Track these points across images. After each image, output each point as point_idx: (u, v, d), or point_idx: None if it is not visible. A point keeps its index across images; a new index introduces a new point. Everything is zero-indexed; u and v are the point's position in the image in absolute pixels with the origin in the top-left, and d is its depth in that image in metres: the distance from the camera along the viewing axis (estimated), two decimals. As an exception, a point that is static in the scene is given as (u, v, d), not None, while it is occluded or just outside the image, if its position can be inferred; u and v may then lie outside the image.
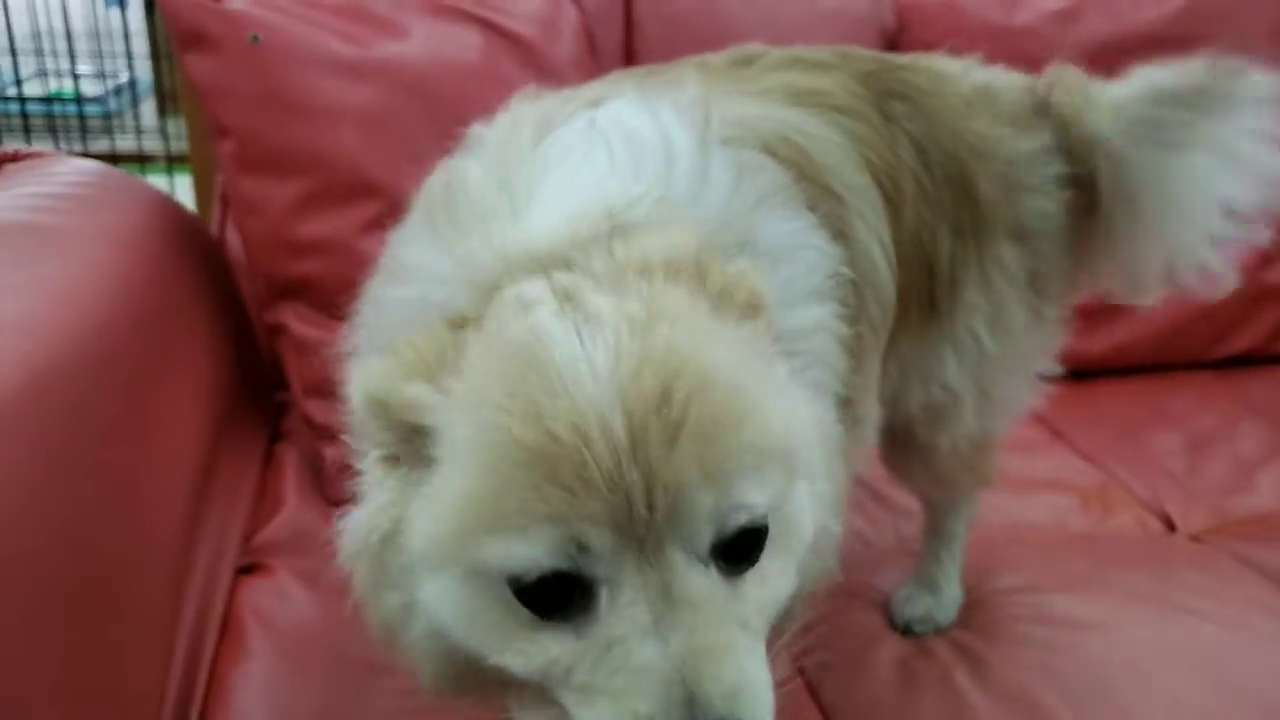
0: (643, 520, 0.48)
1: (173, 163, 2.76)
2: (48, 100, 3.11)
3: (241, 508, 1.18)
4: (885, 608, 1.12)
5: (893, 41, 1.61)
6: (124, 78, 3.37)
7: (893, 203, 0.82)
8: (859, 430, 0.76)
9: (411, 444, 0.53)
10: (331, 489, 1.21)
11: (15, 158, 1.29)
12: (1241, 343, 1.60)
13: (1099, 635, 1.04)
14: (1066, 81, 0.96)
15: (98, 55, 3.07)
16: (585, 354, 0.50)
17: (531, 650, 0.51)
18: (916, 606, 1.09)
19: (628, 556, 0.49)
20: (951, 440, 0.96)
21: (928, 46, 1.56)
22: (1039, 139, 0.93)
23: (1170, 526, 1.29)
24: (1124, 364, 1.56)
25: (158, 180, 2.67)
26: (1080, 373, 1.48)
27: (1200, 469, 1.38)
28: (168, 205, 1.34)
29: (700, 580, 0.49)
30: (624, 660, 0.48)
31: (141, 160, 2.88)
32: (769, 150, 0.72)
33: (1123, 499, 1.32)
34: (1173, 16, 1.56)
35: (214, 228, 1.53)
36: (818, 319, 0.67)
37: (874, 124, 0.85)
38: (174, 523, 1.04)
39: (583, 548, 0.48)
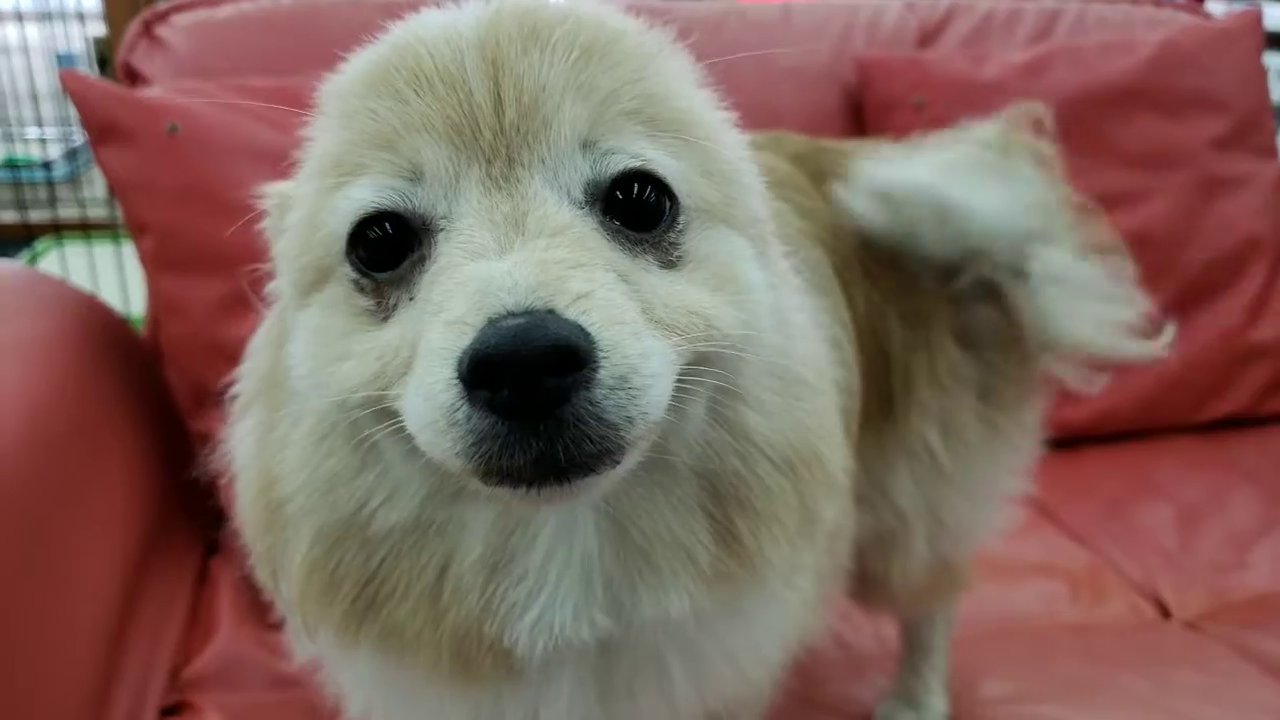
0: (490, 127, 0.41)
1: (119, 230, 2.67)
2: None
3: (170, 636, 1.09)
4: (868, 723, 1.04)
5: (855, 98, 1.55)
6: (73, 143, 3.29)
7: (845, 282, 0.75)
8: (840, 543, 0.68)
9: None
10: (270, 610, 1.12)
11: (-80, 261, 1.21)
12: (1228, 405, 1.53)
13: (1095, 752, 0.96)
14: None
15: (41, 121, 2.98)
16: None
17: (369, 345, 0.43)
18: (900, 725, 1.01)
19: (470, 180, 0.41)
20: (903, 571, 0.87)
21: (892, 102, 1.52)
22: None
23: (1165, 612, 1.22)
24: (1108, 430, 1.49)
25: (104, 250, 2.58)
26: (1064, 441, 1.42)
27: (1193, 545, 1.31)
28: (90, 308, 1.26)
29: (562, 213, 0.41)
30: (452, 278, 0.40)
31: (87, 229, 2.78)
32: None
33: (1114, 583, 1.25)
34: (1141, 67, 1.51)
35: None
36: None
37: (817, 202, 0.79)
38: (88, 665, 0.95)
39: (416, 172, 0.42)
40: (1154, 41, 1.54)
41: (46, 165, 3.21)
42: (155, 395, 1.29)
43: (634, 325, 0.39)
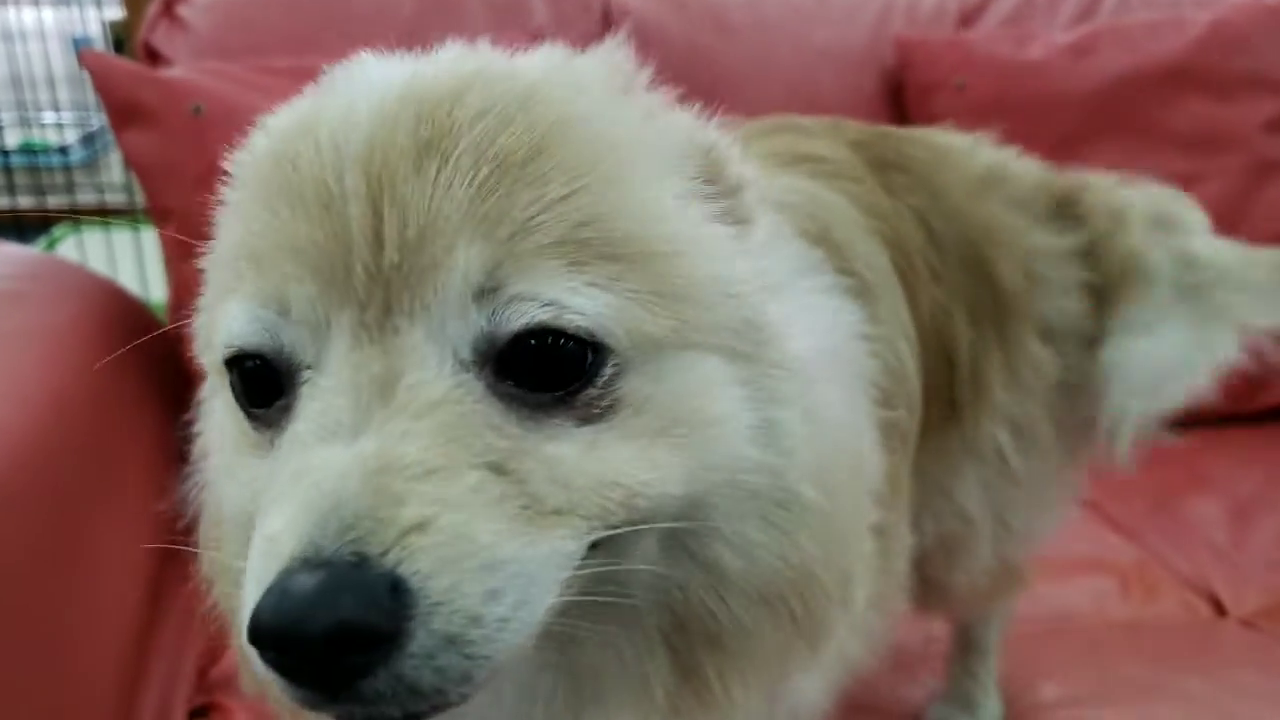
0: (366, 267, 0.34)
1: (138, 216, 2.65)
2: (4, 153, 3.00)
3: (197, 636, 1.06)
4: (918, 726, 1.01)
5: (894, 80, 1.50)
6: (90, 127, 3.27)
7: (908, 283, 0.71)
8: (892, 562, 0.64)
9: None
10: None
11: (-57, 247, 1.18)
12: (1279, 394, 1.48)
13: (1158, 758, 0.92)
14: (1096, 189, 0.86)
15: (58, 105, 2.96)
16: (390, 72, 0.40)
17: (243, 474, 0.38)
18: (953, 728, 0.97)
19: (341, 327, 0.34)
20: (968, 577, 0.83)
21: (934, 84, 1.47)
22: (1062, 239, 0.82)
23: (1219, 609, 1.17)
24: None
25: (122, 236, 2.56)
26: (1109, 433, 1.38)
27: (1246, 541, 1.27)
28: (111, 294, 1.23)
29: (439, 384, 0.33)
30: (294, 463, 0.33)
31: (104, 214, 2.76)
32: (799, 228, 0.61)
33: (1165, 579, 1.21)
34: (1191, 47, 1.46)
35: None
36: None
37: (877, 194, 0.74)
38: (115, 664, 0.92)
39: (283, 306, 0.35)
40: (1204, 20, 1.49)
41: (63, 150, 3.19)
42: (177, 383, 1.26)
43: (486, 554, 0.32)
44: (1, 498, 0.81)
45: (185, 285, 1.16)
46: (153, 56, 1.32)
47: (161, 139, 1.12)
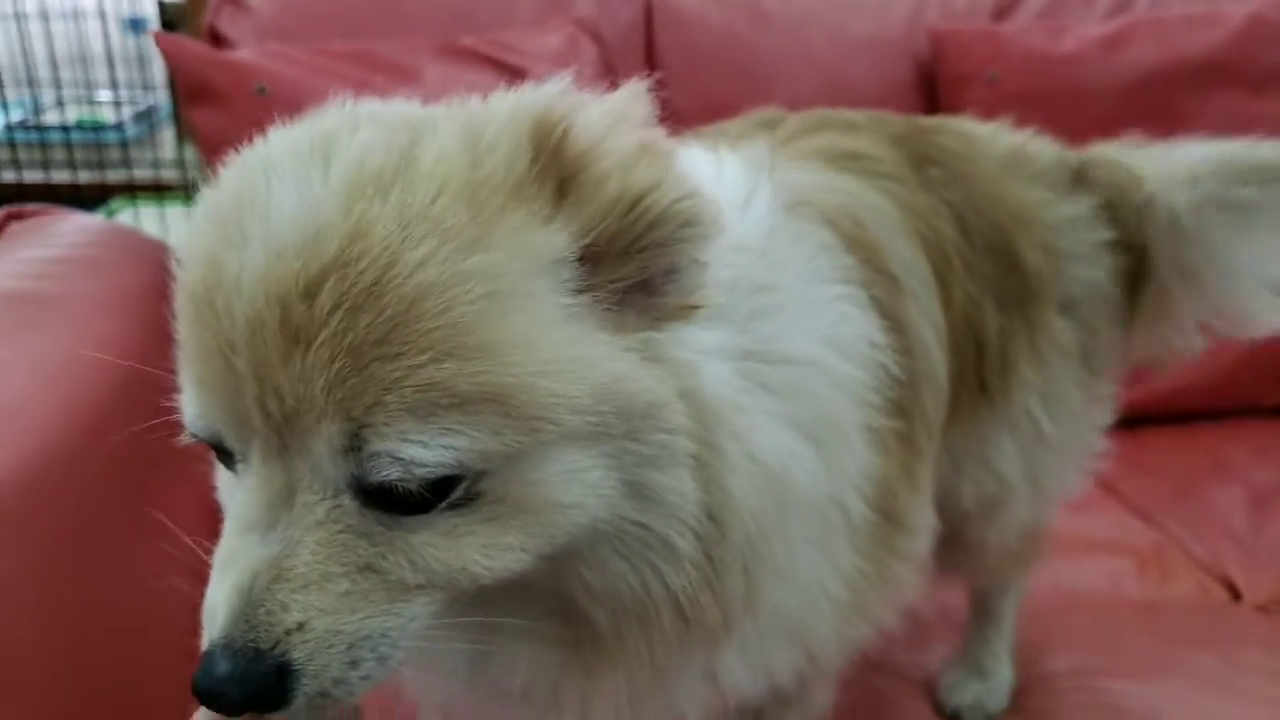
0: (260, 422, 0.42)
1: (191, 192, 2.73)
2: (67, 129, 3.10)
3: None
4: (931, 689, 1.05)
5: (928, 71, 1.53)
6: (144, 104, 3.36)
7: (942, 278, 0.75)
8: (913, 543, 0.70)
9: None
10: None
11: (20, 215, 1.25)
12: (1304, 388, 1.51)
13: (1163, 727, 0.96)
14: (1107, 153, 0.91)
15: (114, 83, 3.05)
16: (281, 196, 0.42)
17: (222, 482, 0.50)
18: (965, 694, 1.02)
19: (255, 444, 0.43)
20: (1001, 535, 0.89)
21: (967, 76, 1.50)
22: (1080, 203, 0.86)
23: (1235, 593, 1.21)
24: (1178, 411, 1.48)
25: (175, 210, 2.65)
26: (1132, 420, 1.41)
27: (1264, 528, 1.30)
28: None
29: (323, 506, 0.43)
30: (226, 538, 0.45)
31: (160, 190, 2.85)
32: (834, 227, 0.66)
33: (1182, 562, 1.25)
34: (1227, 41, 1.48)
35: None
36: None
37: (916, 191, 0.79)
38: (184, 614, 0.99)
39: (213, 427, 0.45)
40: (1241, 15, 1.50)
41: (118, 127, 3.29)
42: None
43: (348, 638, 0.43)
44: (84, 449, 0.88)
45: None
46: (216, 39, 1.38)
47: (227, 116, 1.19)
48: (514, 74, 1.39)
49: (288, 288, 0.40)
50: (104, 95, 3.21)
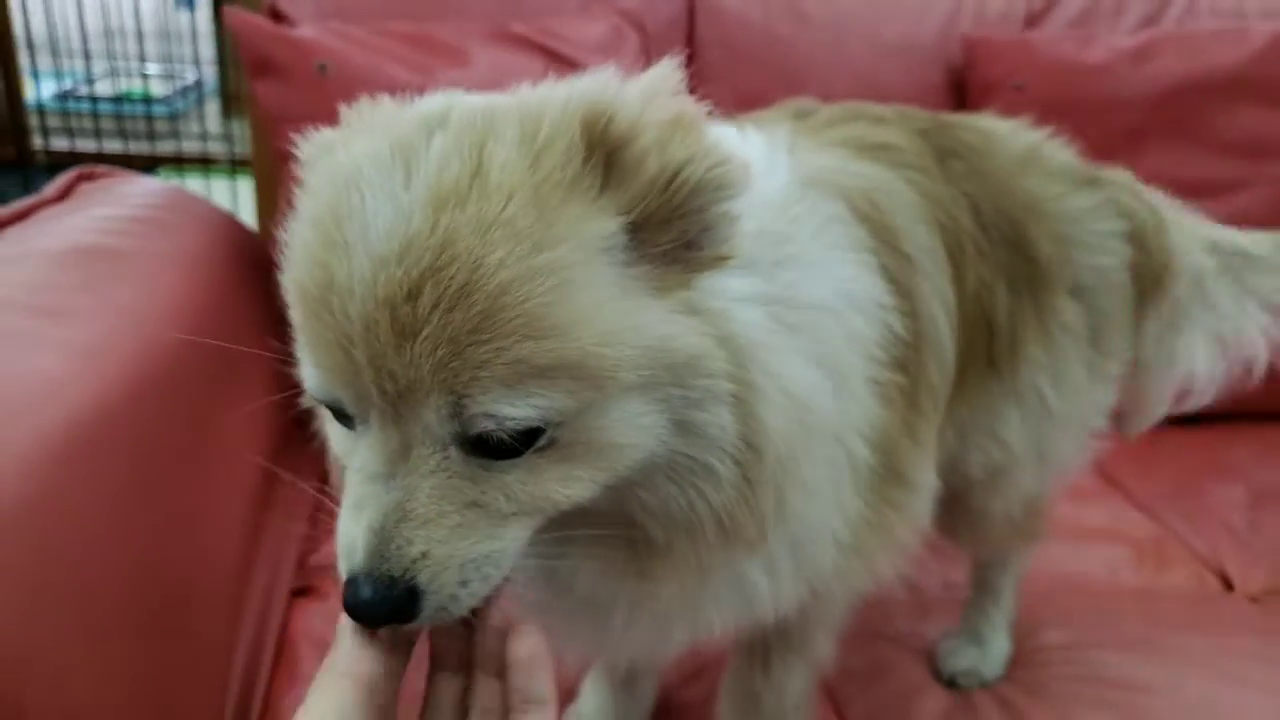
0: (378, 396, 0.50)
1: (236, 166, 2.82)
2: (117, 100, 3.19)
3: (297, 529, 1.20)
4: (931, 657, 1.11)
5: (959, 77, 1.59)
6: (190, 78, 3.45)
7: (956, 263, 0.81)
8: (913, 499, 0.76)
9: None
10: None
11: (91, 176, 1.33)
12: (1307, 394, 1.55)
13: (1148, 699, 1.02)
14: (1121, 176, 0.99)
15: (166, 57, 3.14)
16: (374, 207, 0.50)
17: (337, 435, 0.56)
18: (962, 659, 1.08)
19: (374, 412, 0.51)
20: (1005, 503, 0.95)
21: (995, 82, 1.55)
22: (1092, 197, 0.93)
23: (1228, 585, 1.26)
24: (1185, 412, 1.52)
25: (221, 184, 2.74)
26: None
27: (1262, 525, 1.35)
28: (232, 226, 1.37)
29: (434, 458, 0.51)
30: (354, 486, 0.52)
31: (206, 163, 2.94)
32: (849, 204, 0.72)
33: (1179, 554, 1.30)
34: (1251, 57, 1.52)
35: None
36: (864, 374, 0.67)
37: (939, 182, 0.85)
38: (233, 546, 1.06)
39: (336, 397, 0.52)
40: (1268, 31, 1.54)
41: (165, 100, 3.38)
42: (283, 314, 1.40)
43: (458, 561, 0.51)
44: (153, 391, 0.96)
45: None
46: (276, 17, 1.45)
47: (289, 91, 1.26)
48: (560, 60, 1.46)
49: (393, 292, 0.48)
50: (153, 69, 3.30)
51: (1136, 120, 1.52)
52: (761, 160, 0.69)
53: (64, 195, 1.26)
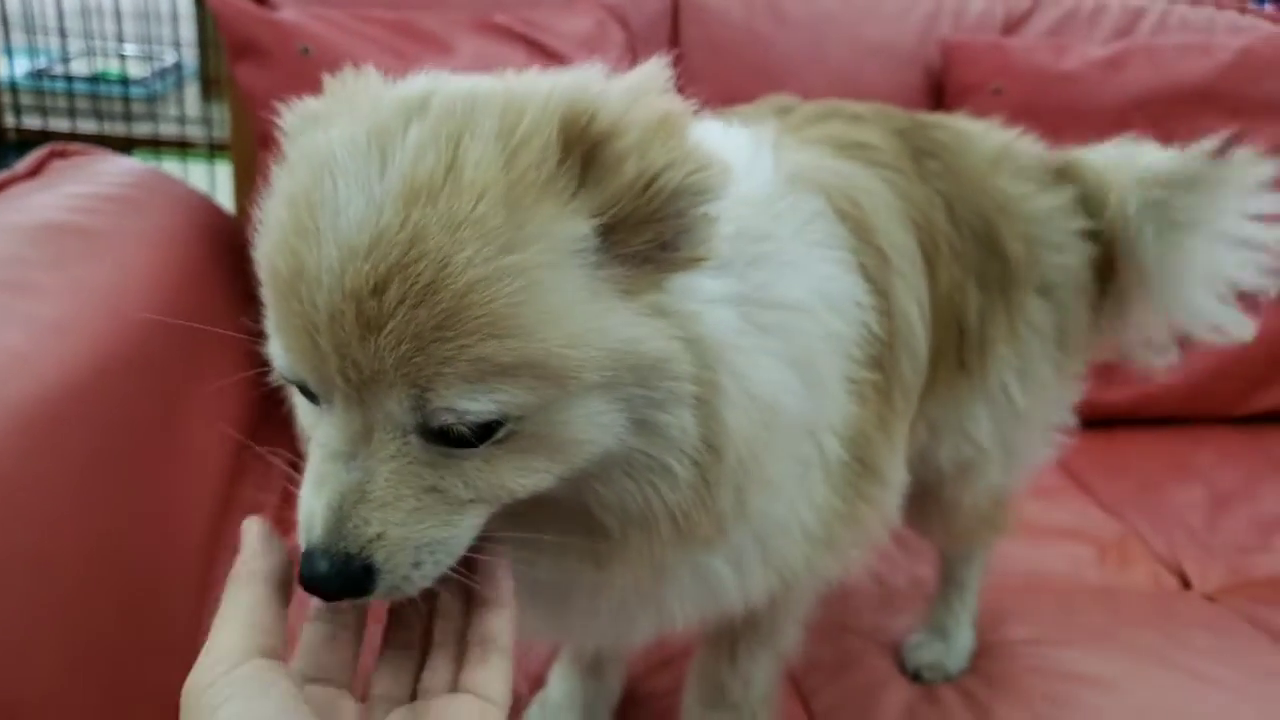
0: (341, 380, 0.50)
1: (215, 150, 2.80)
2: (93, 80, 3.15)
3: (267, 512, 1.20)
4: (896, 651, 1.13)
5: (937, 79, 1.61)
6: (169, 60, 3.41)
7: (930, 262, 0.83)
8: (884, 493, 0.77)
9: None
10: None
11: (64, 154, 1.32)
12: (1267, 400, 1.59)
13: (1106, 693, 1.04)
14: (1085, 155, 1.00)
15: (145, 38, 3.10)
16: (346, 197, 0.50)
17: (304, 408, 0.58)
18: (927, 653, 1.09)
19: (337, 395, 0.51)
20: (974, 496, 0.97)
21: (973, 86, 1.57)
22: (1059, 196, 0.95)
23: (1186, 584, 1.29)
24: (1148, 414, 1.56)
25: (198, 168, 2.71)
26: (1103, 421, 1.49)
27: (1220, 526, 1.38)
28: (206, 207, 1.37)
29: (395, 444, 0.51)
30: (313, 465, 0.53)
31: (183, 146, 2.91)
32: (830, 201, 0.73)
33: (1140, 553, 1.32)
34: (1218, 71, 1.55)
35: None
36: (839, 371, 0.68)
37: (914, 182, 0.86)
38: (199, 533, 1.06)
39: (301, 377, 0.53)
40: (1234, 47, 1.58)
41: (141, 82, 3.35)
42: (257, 298, 1.39)
43: (414, 544, 0.52)
44: (121, 370, 0.95)
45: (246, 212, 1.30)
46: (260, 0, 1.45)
47: (272, 74, 1.26)
48: (543, 52, 1.46)
49: (360, 285, 0.49)
50: (130, 49, 3.26)
51: (1108, 127, 1.51)
52: (745, 157, 0.69)
53: (36, 171, 1.25)
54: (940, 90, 1.61)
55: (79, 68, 3.20)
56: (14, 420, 0.78)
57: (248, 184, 1.68)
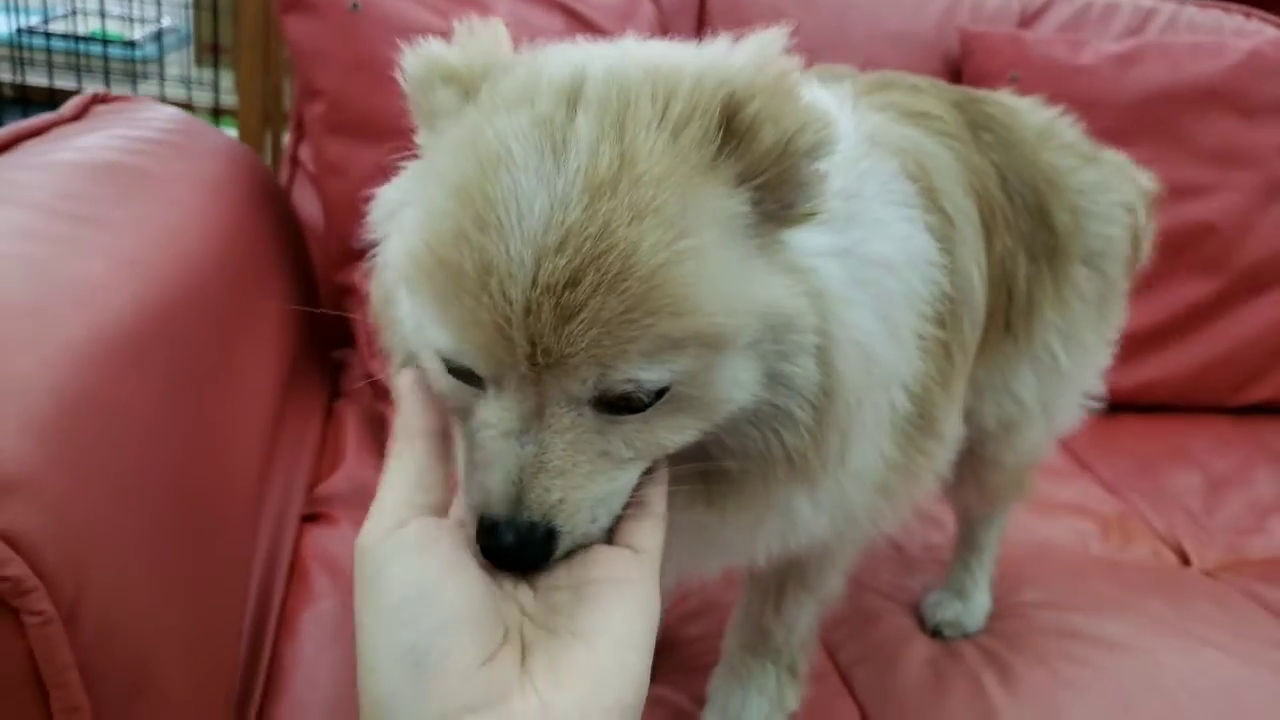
0: (525, 367, 0.53)
1: (218, 115, 2.78)
2: (87, 40, 3.11)
3: (306, 458, 1.22)
4: (916, 610, 1.17)
5: (955, 68, 1.65)
6: (164, 23, 3.37)
7: (988, 228, 0.87)
8: (940, 447, 0.80)
9: (425, 136, 0.60)
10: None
11: (105, 99, 1.32)
12: (1262, 392, 1.66)
13: (1120, 655, 1.09)
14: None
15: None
16: (528, 192, 0.52)
17: (449, 385, 0.58)
18: (947, 611, 1.14)
19: (512, 378, 0.54)
20: (1015, 455, 1.02)
21: (990, 76, 1.62)
22: (1101, 169, 1.00)
23: (1185, 560, 1.34)
24: (1149, 401, 1.62)
25: (200, 129, 2.69)
26: (1107, 407, 1.54)
27: (1216, 509, 1.44)
28: (248, 156, 1.38)
29: (569, 416, 0.54)
30: (484, 444, 0.55)
31: (187, 110, 2.89)
32: (899, 159, 0.76)
33: (1141, 530, 1.38)
34: (1227, 70, 1.61)
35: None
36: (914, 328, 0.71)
37: (973, 151, 0.90)
38: (251, 466, 1.07)
39: (475, 364, 0.54)
40: (1243, 48, 1.63)
41: (132, 44, 3.31)
42: (296, 244, 1.41)
43: (590, 502, 0.55)
44: (185, 306, 0.97)
45: (326, 158, 1.31)
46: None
47: (320, 27, 1.27)
48: (577, 20, 1.48)
49: (557, 280, 0.51)
50: (116, 10, 3.22)
51: (1120, 122, 1.60)
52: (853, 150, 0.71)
53: (80, 115, 1.25)
54: (958, 78, 1.65)
55: (59, 27, 3.16)
56: (101, 346, 0.79)
57: (253, 148, 1.68)
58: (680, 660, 1.07)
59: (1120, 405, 1.59)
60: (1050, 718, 1.01)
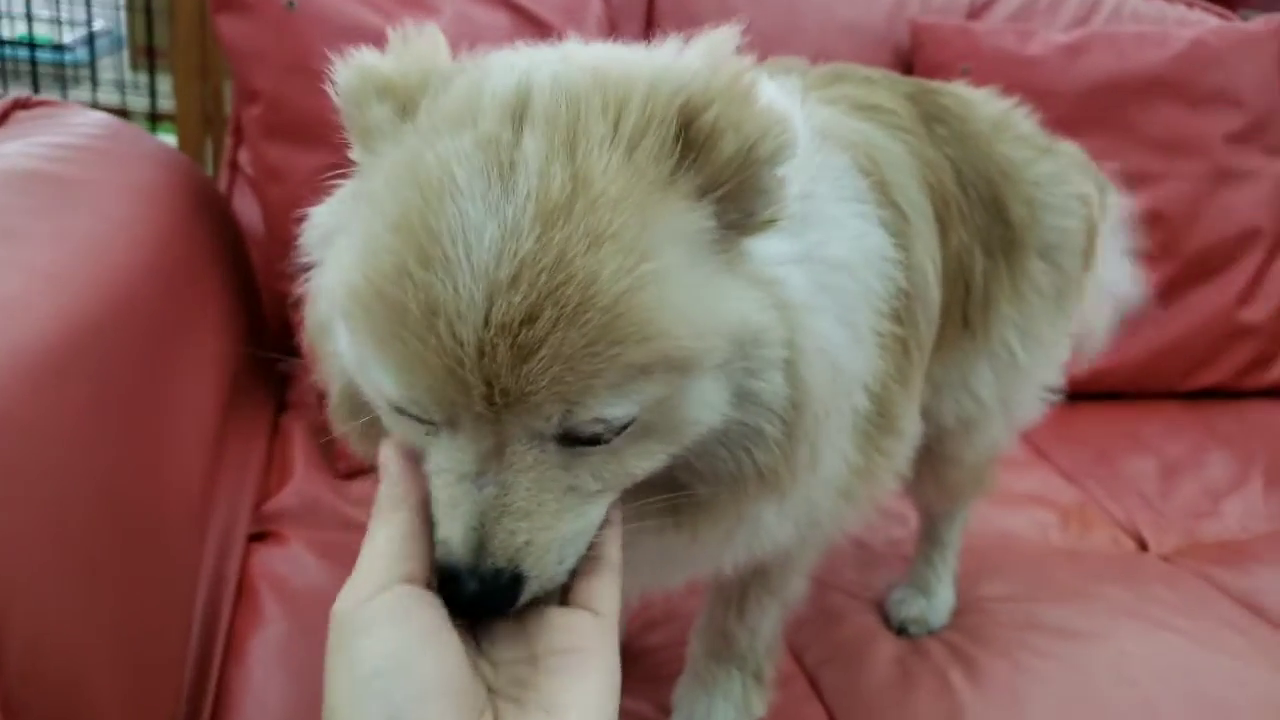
0: (482, 408, 0.49)
1: (155, 120, 2.71)
2: (13, 44, 3.01)
3: (252, 474, 1.18)
4: (881, 607, 1.16)
5: (906, 60, 1.65)
6: (96, 25, 3.28)
7: (942, 223, 0.85)
8: (899, 446, 0.79)
9: (361, 155, 0.56)
10: (341, 461, 1.21)
11: (26, 104, 1.27)
12: (1212, 377, 1.68)
13: (1083, 644, 1.09)
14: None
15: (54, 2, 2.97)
16: (476, 222, 0.48)
17: (397, 425, 0.55)
18: (911, 608, 1.13)
19: (467, 419, 0.50)
20: (974, 453, 1.01)
21: (940, 68, 1.62)
22: (1056, 161, 0.99)
23: (1143, 546, 1.35)
24: (1102, 389, 1.63)
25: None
26: (1062, 394, 1.55)
27: (1171, 494, 1.45)
28: (182, 163, 1.33)
29: (532, 454, 0.51)
30: (440, 489, 0.52)
31: (122, 115, 2.80)
32: (850, 153, 0.74)
33: (1100, 518, 1.39)
34: (1171, 60, 1.63)
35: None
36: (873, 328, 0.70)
37: (926, 145, 0.89)
38: (192, 485, 1.03)
39: (426, 410, 0.51)
40: (1186, 38, 1.65)
41: (60, 48, 3.21)
42: (236, 252, 1.36)
43: (558, 543, 0.53)
44: (112, 321, 0.92)
45: (265, 163, 1.26)
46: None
47: (255, 27, 1.22)
48: (525, 18, 1.45)
49: (512, 317, 0.47)
50: (44, 13, 3.12)
51: (1068, 112, 1.59)
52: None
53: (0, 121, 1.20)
54: (909, 71, 1.65)
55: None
56: (19, 365, 0.75)
57: (193, 154, 1.63)
58: (644, 669, 1.04)
59: (1076, 395, 1.60)
60: (1016, 710, 1.00)
